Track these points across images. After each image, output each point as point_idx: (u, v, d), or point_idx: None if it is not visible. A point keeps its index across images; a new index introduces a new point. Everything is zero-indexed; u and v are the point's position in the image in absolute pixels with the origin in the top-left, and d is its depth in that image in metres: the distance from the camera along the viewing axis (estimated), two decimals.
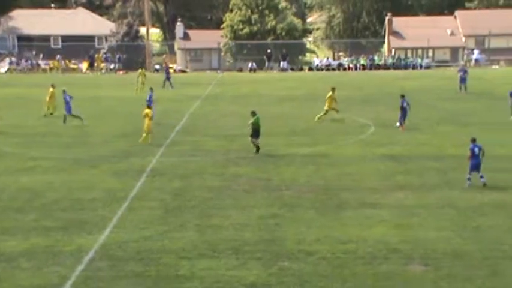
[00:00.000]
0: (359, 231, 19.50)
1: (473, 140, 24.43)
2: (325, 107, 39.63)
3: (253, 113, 30.72)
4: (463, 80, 52.94)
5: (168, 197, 23.51)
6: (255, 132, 30.52)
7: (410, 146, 31.77)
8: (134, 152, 31.18)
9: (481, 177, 24.14)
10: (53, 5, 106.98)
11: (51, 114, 42.52)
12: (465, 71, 54.05)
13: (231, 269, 16.76)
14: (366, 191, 23.91)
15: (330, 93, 39.89)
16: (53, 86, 43.30)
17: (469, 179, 24.19)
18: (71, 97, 38.88)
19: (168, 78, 59.98)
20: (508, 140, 32.83)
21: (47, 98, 42.87)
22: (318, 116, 39.33)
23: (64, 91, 39.26)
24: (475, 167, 24.12)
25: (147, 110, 33.70)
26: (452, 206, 21.97)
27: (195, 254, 17.84)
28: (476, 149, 24.17)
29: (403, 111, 36.23)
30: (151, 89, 41.81)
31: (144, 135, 33.12)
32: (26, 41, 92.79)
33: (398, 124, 36.36)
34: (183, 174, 26.71)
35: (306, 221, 20.57)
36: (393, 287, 15.79)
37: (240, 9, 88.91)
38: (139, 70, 60.05)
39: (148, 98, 39.78)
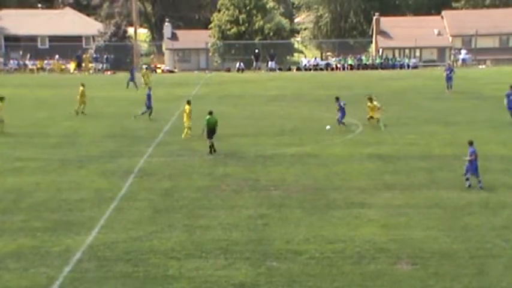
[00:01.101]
0: (347, 231, 19.56)
1: (471, 143, 24.15)
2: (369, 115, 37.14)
3: (210, 113, 30.89)
4: (449, 79, 53.21)
5: (157, 197, 23.48)
6: (210, 132, 30.47)
7: (397, 146, 31.87)
8: (122, 153, 31.12)
9: (480, 181, 23.97)
10: (40, 5, 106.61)
11: (82, 112, 42.68)
12: (451, 70, 54.31)
13: (219, 269, 16.77)
14: (354, 190, 23.97)
15: (369, 103, 37.18)
16: (83, 85, 43.59)
17: (467, 179, 24.00)
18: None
19: (132, 79, 59.29)
20: (494, 139, 32.99)
21: (78, 97, 42.95)
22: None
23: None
24: (476, 169, 23.90)
25: (187, 107, 34.24)
26: (439, 205, 22.07)
27: (184, 254, 17.84)
28: (476, 151, 23.94)
29: (342, 111, 35.86)
30: (150, 88, 42.56)
31: (186, 130, 33.93)
32: (13, 41, 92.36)
33: (338, 124, 35.84)
34: (171, 175, 26.69)
35: (294, 220, 20.60)
36: (381, 286, 15.85)
37: (227, 9, 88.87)
38: (143, 70, 59.90)
39: (147, 97, 40.48)
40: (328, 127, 35.92)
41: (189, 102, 34.92)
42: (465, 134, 34.65)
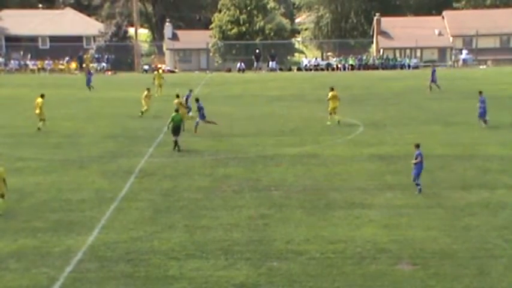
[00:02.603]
0: (348, 231, 19.57)
1: (418, 146, 23.71)
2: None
3: (176, 110, 32.15)
4: (433, 79, 53.85)
5: (157, 197, 23.50)
6: (174, 130, 31.13)
7: (398, 146, 31.87)
8: (123, 153, 31.14)
9: (418, 184, 23.60)
10: (40, 5, 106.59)
11: (143, 113, 42.35)
12: (434, 69, 55.44)
13: (220, 270, 16.79)
14: (355, 191, 23.98)
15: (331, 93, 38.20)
16: (148, 90, 43.18)
17: (417, 184, 23.64)
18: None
19: (88, 80, 58.95)
20: (494, 139, 33.00)
21: (145, 99, 42.48)
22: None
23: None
24: (419, 173, 23.51)
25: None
26: (440, 205, 22.08)
27: (184, 254, 17.85)
28: (422, 155, 23.56)
29: (201, 111, 35.64)
30: (191, 90, 42.96)
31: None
32: (13, 42, 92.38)
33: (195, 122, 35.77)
34: (171, 175, 26.70)
35: (295, 221, 20.61)
36: (382, 286, 15.85)
37: (228, 9, 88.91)
38: (156, 72, 59.85)
39: (185, 98, 40.61)
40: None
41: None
42: (465, 134, 34.73)
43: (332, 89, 38.47)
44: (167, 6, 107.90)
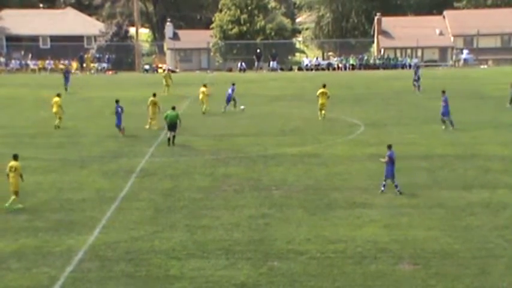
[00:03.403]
0: (349, 231, 19.56)
1: (390, 147, 23.72)
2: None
3: (173, 108, 33.17)
4: (417, 79, 54.39)
5: (158, 197, 23.50)
6: (170, 126, 32.42)
7: (399, 146, 31.73)
8: (124, 153, 31.15)
9: (396, 186, 23.51)
10: (41, 5, 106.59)
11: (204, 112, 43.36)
12: (417, 68, 55.88)
13: (221, 269, 16.79)
14: (356, 190, 23.97)
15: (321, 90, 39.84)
16: (205, 85, 44.70)
17: (383, 185, 23.60)
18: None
19: (66, 81, 58.32)
20: (495, 139, 32.99)
21: (204, 97, 43.65)
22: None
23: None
24: (391, 174, 23.51)
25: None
26: (441, 205, 22.07)
27: (185, 254, 17.85)
28: (394, 156, 23.53)
29: (118, 115, 35.39)
30: (233, 83, 45.09)
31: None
32: (14, 41, 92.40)
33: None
34: (172, 175, 26.70)
35: (296, 220, 20.61)
36: (383, 286, 15.85)
37: (229, 9, 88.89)
38: (165, 72, 60.05)
39: (230, 92, 43.24)
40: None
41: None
42: (466, 134, 34.71)
43: (324, 86, 40.09)
44: (168, 5, 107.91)
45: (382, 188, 23.60)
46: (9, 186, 22.31)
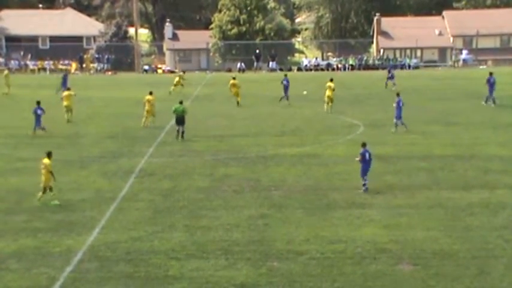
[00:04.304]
0: (348, 231, 19.56)
1: (364, 145, 24.04)
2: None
3: (180, 102, 34.75)
4: (391, 77, 55.25)
5: (157, 197, 23.49)
6: (178, 120, 33.94)
7: (399, 146, 31.87)
8: (123, 153, 31.13)
9: (364, 184, 23.76)
10: (41, 6, 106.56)
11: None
12: (392, 67, 56.11)
13: (220, 270, 16.78)
14: (355, 190, 23.96)
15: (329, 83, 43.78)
16: (234, 78, 48.24)
17: (364, 185, 23.83)
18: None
19: (63, 83, 57.87)
20: (494, 139, 33.00)
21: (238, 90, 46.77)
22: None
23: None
24: (366, 172, 23.79)
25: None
26: (440, 205, 22.07)
27: (185, 254, 17.85)
28: (367, 154, 23.81)
29: (37, 117, 35.57)
30: (286, 74, 48.30)
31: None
32: (14, 42, 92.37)
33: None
34: (172, 175, 26.69)
35: (295, 221, 20.61)
36: (382, 286, 15.85)
37: (228, 9, 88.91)
38: (179, 73, 60.45)
39: (285, 82, 47.66)
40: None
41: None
42: (466, 134, 34.72)
43: (331, 80, 44.42)
44: (167, 6, 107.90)
45: (365, 187, 23.77)
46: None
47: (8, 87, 56.82)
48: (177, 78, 56.96)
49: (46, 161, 22.93)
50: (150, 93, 38.83)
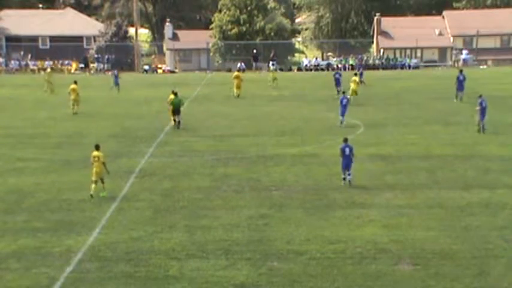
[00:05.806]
0: (348, 231, 19.57)
1: (345, 140, 25.00)
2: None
3: (175, 94, 37.27)
4: (360, 75, 56.44)
5: (157, 197, 23.49)
6: (175, 111, 36.74)
7: (399, 146, 31.87)
8: (123, 153, 31.12)
9: (349, 175, 24.68)
10: (41, 6, 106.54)
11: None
12: (361, 66, 57.50)
13: (220, 270, 16.79)
14: (355, 190, 23.98)
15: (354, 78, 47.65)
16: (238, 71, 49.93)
17: (344, 178, 24.72)
18: None
19: (116, 82, 58.17)
20: (494, 139, 32.99)
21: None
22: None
23: None
24: (346, 166, 24.65)
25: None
26: (440, 205, 22.08)
27: (185, 254, 17.86)
28: (347, 149, 24.64)
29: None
30: (340, 68, 48.91)
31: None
32: (14, 42, 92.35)
33: None
34: (172, 175, 26.70)
35: (295, 221, 20.61)
36: (382, 286, 15.86)
37: (228, 9, 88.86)
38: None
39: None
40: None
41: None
42: (466, 134, 34.72)
43: (355, 75, 49.71)
44: (167, 6, 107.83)
45: (344, 182, 24.62)
46: (91, 175, 23.37)
47: (50, 87, 56.00)
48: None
49: (99, 153, 23.58)
50: (175, 94, 37.94)
